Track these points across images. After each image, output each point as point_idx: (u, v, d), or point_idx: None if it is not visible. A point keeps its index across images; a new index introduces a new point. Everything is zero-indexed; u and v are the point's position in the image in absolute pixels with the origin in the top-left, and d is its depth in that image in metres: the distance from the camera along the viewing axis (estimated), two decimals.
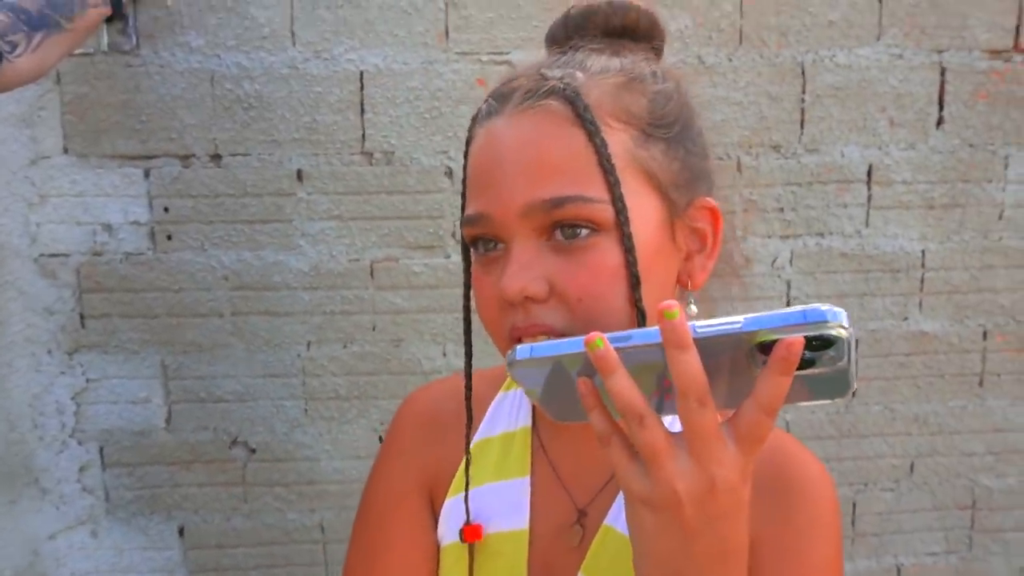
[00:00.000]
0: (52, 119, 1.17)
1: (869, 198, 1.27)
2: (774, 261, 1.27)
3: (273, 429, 1.26)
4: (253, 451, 1.26)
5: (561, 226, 0.49)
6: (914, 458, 1.34)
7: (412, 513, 0.63)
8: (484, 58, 1.20)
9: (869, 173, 1.26)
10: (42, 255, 1.20)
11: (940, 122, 1.26)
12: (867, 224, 1.28)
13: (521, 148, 0.49)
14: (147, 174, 1.19)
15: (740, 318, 0.37)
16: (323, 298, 1.24)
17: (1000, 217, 1.28)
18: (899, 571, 1.37)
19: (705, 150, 0.55)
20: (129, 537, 1.27)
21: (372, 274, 1.24)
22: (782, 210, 1.27)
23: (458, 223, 1.23)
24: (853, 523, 1.34)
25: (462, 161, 0.56)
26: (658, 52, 0.57)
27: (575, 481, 0.59)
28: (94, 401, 1.24)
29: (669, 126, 0.52)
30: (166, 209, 1.20)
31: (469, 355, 0.60)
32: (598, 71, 0.52)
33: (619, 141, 0.49)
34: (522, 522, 0.59)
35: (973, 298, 1.30)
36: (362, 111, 1.20)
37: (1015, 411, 1.34)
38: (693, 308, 0.54)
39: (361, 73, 1.19)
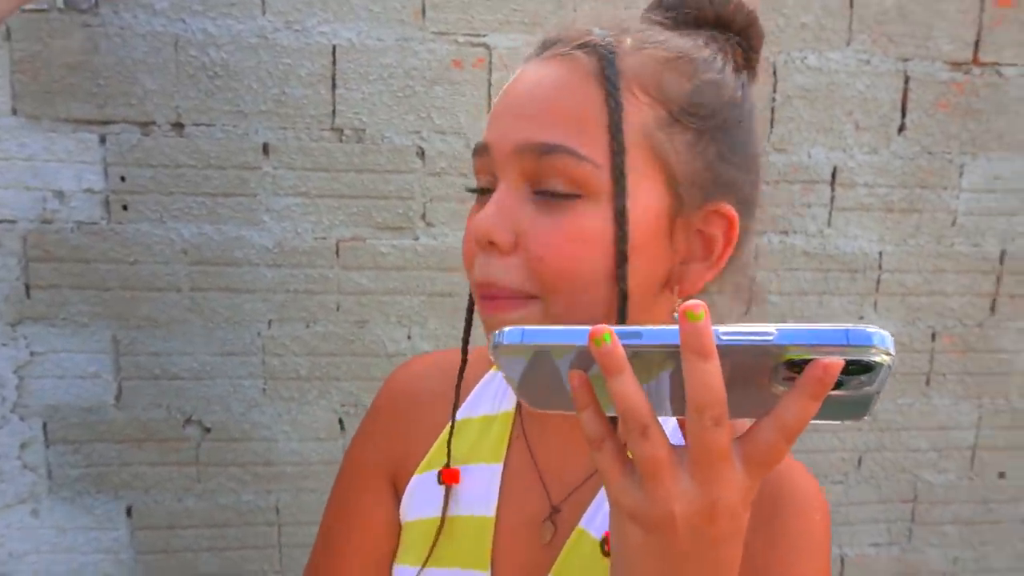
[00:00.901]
0: (0, 78, 1.11)
1: (832, 199, 1.30)
2: (746, 270, 1.29)
3: (230, 408, 1.23)
4: (208, 430, 1.23)
5: (546, 180, 0.46)
6: (862, 453, 1.39)
7: (374, 490, 0.63)
8: (460, 39, 1.18)
9: (833, 175, 1.29)
10: None
11: (902, 128, 1.29)
12: (829, 224, 1.31)
13: (535, 89, 0.48)
14: (103, 140, 1.14)
15: (772, 328, 0.32)
16: (286, 276, 1.21)
17: (953, 224, 1.33)
18: (843, 561, 1.42)
19: (747, 161, 0.52)
20: (73, 516, 1.22)
21: (338, 253, 1.21)
22: None
23: (428, 205, 1.21)
24: None
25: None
26: (748, 51, 0.53)
27: (553, 474, 0.57)
28: (39, 375, 1.18)
29: (704, 118, 0.48)
30: (123, 178, 1.15)
31: (469, 320, 0.58)
32: (651, 42, 0.49)
33: (639, 114, 0.47)
34: (488, 509, 0.57)
35: (925, 300, 1.35)
36: (333, 86, 1.17)
37: (957, 410, 1.40)
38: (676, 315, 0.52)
39: (334, 47, 1.16)
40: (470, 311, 0.57)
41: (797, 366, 0.33)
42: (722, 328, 0.33)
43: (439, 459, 0.60)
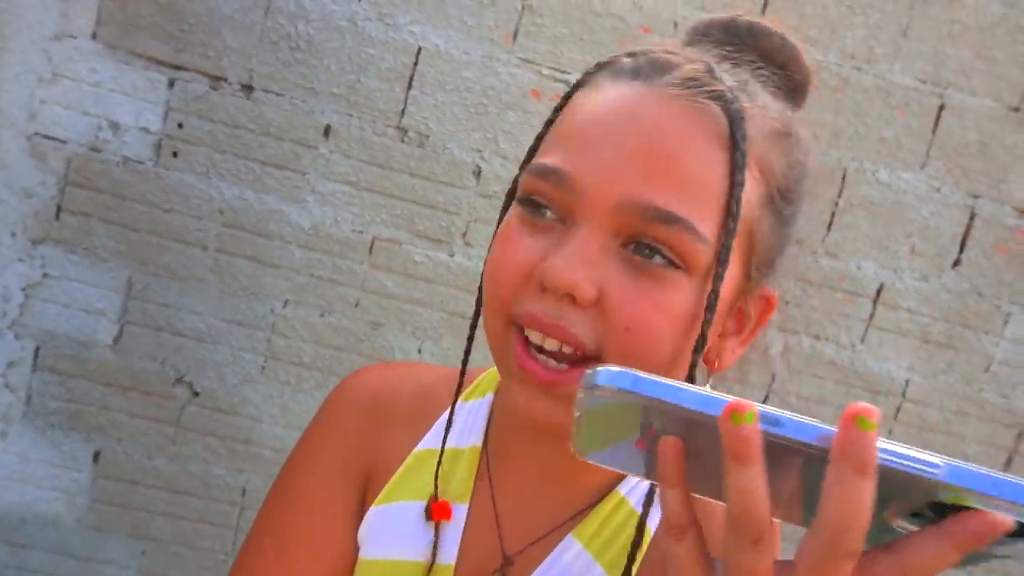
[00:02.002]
0: (90, 0, 1.11)
1: (871, 316, 1.28)
2: (766, 350, 1.27)
3: (223, 378, 1.20)
4: (196, 394, 1.20)
5: (647, 244, 0.41)
6: None
7: (334, 503, 0.55)
8: (544, 71, 1.18)
9: (878, 292, 1.27)
10: (37, 134, 1.13)
11: (957, 263, 1.27)
12: (863, 340, 1.28)
13: (658, 135, 0.41)
14: (171, 84, 1.13)
15: (939, 461, 0.28)
16: (314, 260, 1.19)
17: (987, 370, 1.30)
18: None
19: (793, 238, 0.49)
20: (39, 447, 1.18)
21: (371, 250, 1.19)
22: (787, 303, 1.26)
23: (472, 224, 1.20)
24: None
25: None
26: (793, 89, 0.49)
27: (512, 522, 0.51)
28: (45, 298, 1.16)
29: (790, 203, 0.45)
30: (180, 125, 1.14)
31: (471, 339, 0.52)
32: (761, 105, 0.44)
33: (749, 190, 0.43)
34: (449, 556, 0.51)
35: (941, 439, 1.31)
36: (409, 86, 1.16)
37: None
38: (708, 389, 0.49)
39: (419, 48, 1.15)
40: (473, 328, 0.51)
41: (944, 507, 0.28)
42: (882, 443, 0.28)
43: (399, 492, 0.54)
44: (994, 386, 1.31)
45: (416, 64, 1.16)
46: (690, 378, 0.42)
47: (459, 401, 0.55)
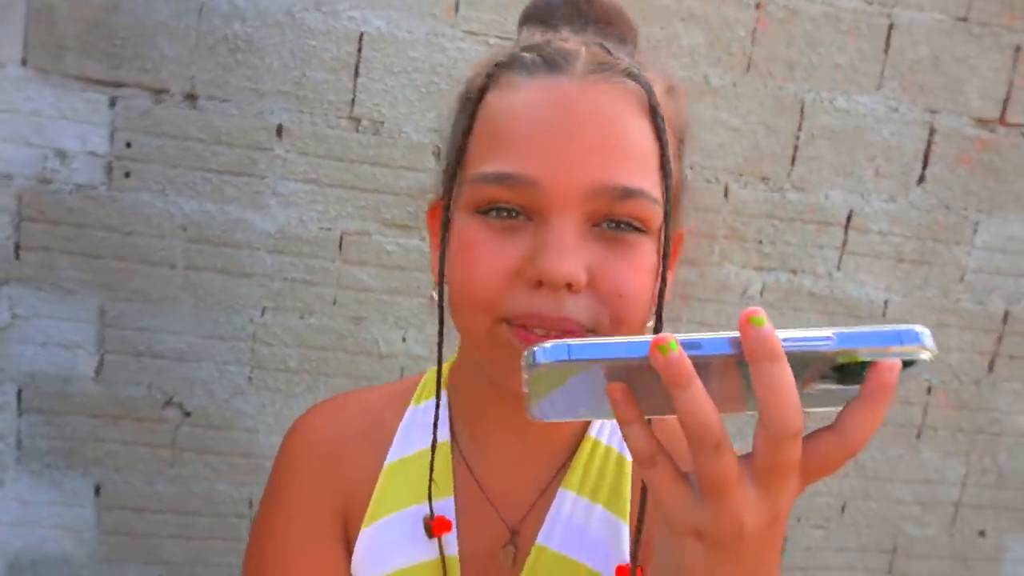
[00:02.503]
0: (14, 25, 1.06)
1: (845, 243, 1.29)
2: (745, 291, 1.28)
3: (213, 394, 1.19)
4: (188, 414, 1.19)
5: (614, 218, 0.46)
6: (847, 499, 1.38)
7: (321, 556, 0.56)
8: (491, 40, 1.15)
9: (849, 218, 1.28)
10: None
11: (922, 179, 1.29)
12: (839, 268, 1.30)
13: (602, 122, 0.45)
14: (113, 103, 1.10)
15: (829, 332, 0.32)
16: (286, 264, 1.17)
17: (961, 280, 1.33)
18: None
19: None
20: (39, 490, 1.17)
21: (341, 246, 1.18)
22: (760, 242, 1.27)
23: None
24: (783, 556, 1.37)
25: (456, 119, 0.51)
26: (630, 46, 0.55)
27: (504, 498, 0.55)
28: (19, 340, 1.13)
29: (686, 144, 0.52)
30: (128, 144, 1.11)
31: (441, 338, 0.54)
32: (651, 69, 0.49)
33: (669, 148, 0.48)
34: (451, 547, 0.54)
35: None
36: (356, 74, 1.14)
37: (945, 465, 1.39)
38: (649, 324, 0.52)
39: (361, 34, 1.13)
40: (441, 332, 0.53)
41: (843, 368, 0.33)
42: (781, 333, 0.32)
43: (384, 507, 0.56)
44: (970, 295, 1.33)
45: (360, 50, 1.13)
46: (659, 318, 0.47)
47: (410, 408, 0.58)
